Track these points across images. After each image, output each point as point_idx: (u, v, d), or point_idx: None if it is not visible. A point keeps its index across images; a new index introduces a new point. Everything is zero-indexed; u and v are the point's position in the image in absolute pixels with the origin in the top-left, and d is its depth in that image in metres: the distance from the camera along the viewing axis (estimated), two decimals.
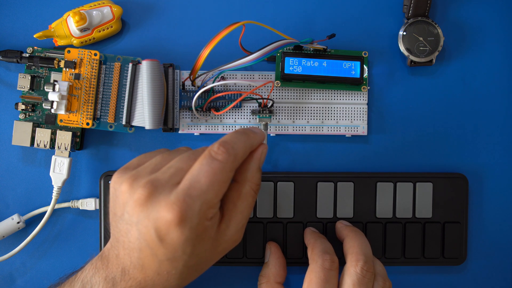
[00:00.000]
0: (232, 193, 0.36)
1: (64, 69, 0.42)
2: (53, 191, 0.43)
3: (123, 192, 0.34)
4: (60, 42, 0.43)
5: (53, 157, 0.43)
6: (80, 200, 0.44)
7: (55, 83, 0.41)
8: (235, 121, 0.44)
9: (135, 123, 0.42)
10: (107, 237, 0.43)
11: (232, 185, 0.36)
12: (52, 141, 0.43)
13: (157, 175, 0.34)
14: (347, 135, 0.45)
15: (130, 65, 0.42)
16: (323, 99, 0.45)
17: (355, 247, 0.39)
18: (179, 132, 0.44)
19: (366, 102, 0.45)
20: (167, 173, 0.34)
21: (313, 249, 0.40)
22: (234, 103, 0.43)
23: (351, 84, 0.44)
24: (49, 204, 0.43)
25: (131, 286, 0.34)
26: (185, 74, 0.44)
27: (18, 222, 0.44)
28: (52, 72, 0.43)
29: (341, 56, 0.44)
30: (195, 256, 0.34)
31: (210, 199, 0.33)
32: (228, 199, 0.36)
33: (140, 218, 0.33)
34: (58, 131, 0.42)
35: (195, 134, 0.45)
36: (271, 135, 0.45)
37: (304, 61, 0.43)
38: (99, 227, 0.44)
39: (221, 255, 0.36)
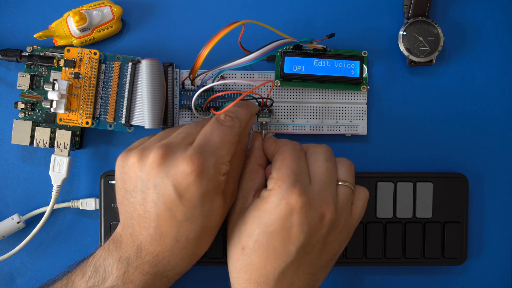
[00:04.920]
0: None
1: (63, 68, 0.42)
2: (53, 190, 0.43)
3: (133, 164, 0.35)
4: (60, 42, 0.43)
5: (53, 156, 0.43)
6: (80, 200, 0.44)
7: (55, 82, 0.41)
8: None
9: (135, 122, 0.42)
10: (107, 237, 0.43)
11: None
12: (52, 140, 0.43)
13: (169, 139, 0.36)
14: (346, 135, 0.45)
15: (130, 64, 0.42)
16: (323, 99, 0.45)
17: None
18: None
19: (366, 101, 0.45)
20: (178, 137, 0.36)
21: (282, 160, 0.37)
22: (233, 103, 0.43)
23: (351, 83, 0.44)
24: (49, 204, 0.43)
25: (148, 261, 0.35)
26: (185, 73, 0.44)
27: (18, 222, 0.44)
28: (51, 71, 0.43)
29: (341, 56, 0.44)
30: (211, 215, 0.35)
31: (223, 156, 0.35)
32: None
33: (157, 179, 0.33)
34: (57, 130, 0.42)
35: None
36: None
37: (303, 61, 0.43)
38: (99, 227, 0.44)
39: (225, 214, 0.38)
